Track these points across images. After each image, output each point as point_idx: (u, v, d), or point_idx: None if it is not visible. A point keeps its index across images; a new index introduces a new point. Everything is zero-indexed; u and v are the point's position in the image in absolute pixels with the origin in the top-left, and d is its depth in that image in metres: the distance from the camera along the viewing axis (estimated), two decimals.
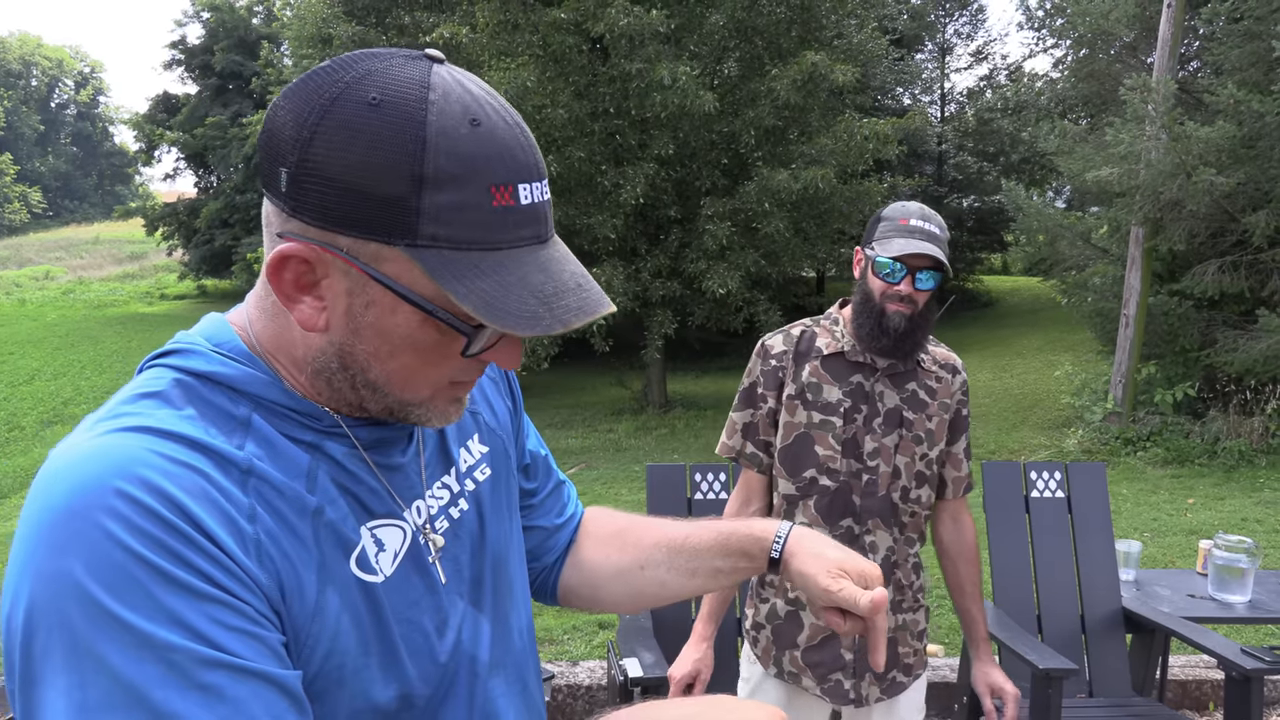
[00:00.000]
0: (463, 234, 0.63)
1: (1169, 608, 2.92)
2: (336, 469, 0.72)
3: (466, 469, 0.86)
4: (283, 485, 0.67)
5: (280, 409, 0.70)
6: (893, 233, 1.78)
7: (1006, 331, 17.22)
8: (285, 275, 0.66)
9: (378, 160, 0.61)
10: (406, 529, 0.76)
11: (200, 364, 0.69)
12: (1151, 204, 8.85)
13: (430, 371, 0.70)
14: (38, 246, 40.61)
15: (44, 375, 18.79)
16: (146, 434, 0.63)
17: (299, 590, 0.65)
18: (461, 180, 0.63)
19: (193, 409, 0.66)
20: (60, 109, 66.34)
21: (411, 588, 0.75)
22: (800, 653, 1.87)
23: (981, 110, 20.49)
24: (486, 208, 0.64)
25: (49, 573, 0.56)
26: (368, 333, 0.68)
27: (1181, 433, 9.16)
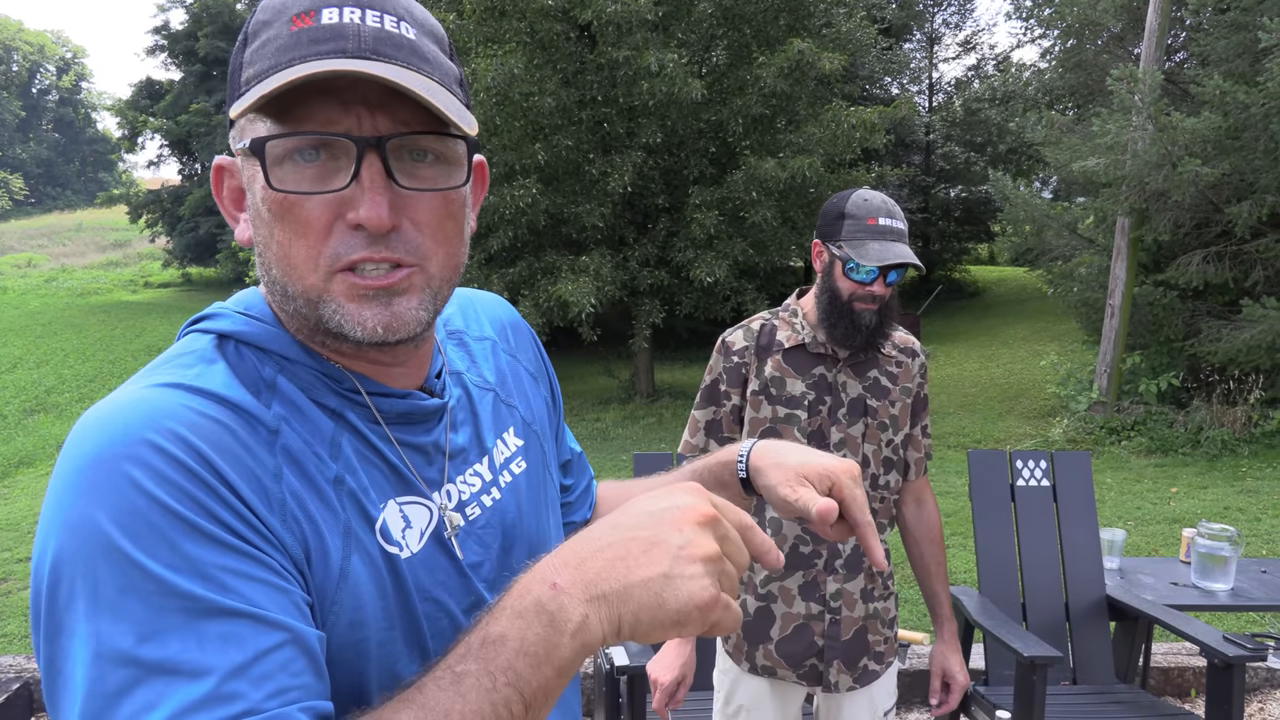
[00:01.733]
0: (264, 64, 0.64)
1: (1152, 595, 2.94)
2: (358, 441, 0.70)
3: (503, 460, 0.84)
4: (307, 449, 0.66)
5: (304, 368, 0.69)
6: (863, 234, 1.76)
7: (993, 321, 17.29)
8: (224, 193, 0.71)
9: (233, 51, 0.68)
10: (433, 509, 0.74)
11: (228, 324, 0.69)
12: (1137, 194, 8.89)
13: (302, 246, 0.64)
14: (19, 234, 40.16)
15: (26, 364, 18.62)
16: (180, 390, 0.62)
17: (324, 553, 0.64)
18: (270, 23, 0.65)
19: (225, 367, 0.66)
20: (42, 95, 65.53)
21: (438, 567, 0.73)
22: (774, 646, 1.88)
23: (969, 100, 20.52)
24: (285, 34, 0.64)
25: (75, 521, 0.56)
26: (255, 220, 0.67)
27: (1165, 422, 9.23)
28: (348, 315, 0.65)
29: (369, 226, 0.63)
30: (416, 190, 0.66)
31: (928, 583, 2.02)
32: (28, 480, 10.99)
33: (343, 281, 0.65)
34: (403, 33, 0.66)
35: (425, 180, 0.67)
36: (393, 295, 0.66)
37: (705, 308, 12.64)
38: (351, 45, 0.63)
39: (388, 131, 0.64)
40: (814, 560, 1.85)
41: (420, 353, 0.77)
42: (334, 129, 0.63)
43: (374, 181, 0.63)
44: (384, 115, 0.64)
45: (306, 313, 0.67)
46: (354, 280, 0.65)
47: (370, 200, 0.63)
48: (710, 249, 11.80)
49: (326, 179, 0.64)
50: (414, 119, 0.65)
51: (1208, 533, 3.05)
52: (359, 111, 0.64)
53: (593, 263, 11.48)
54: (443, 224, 0.69)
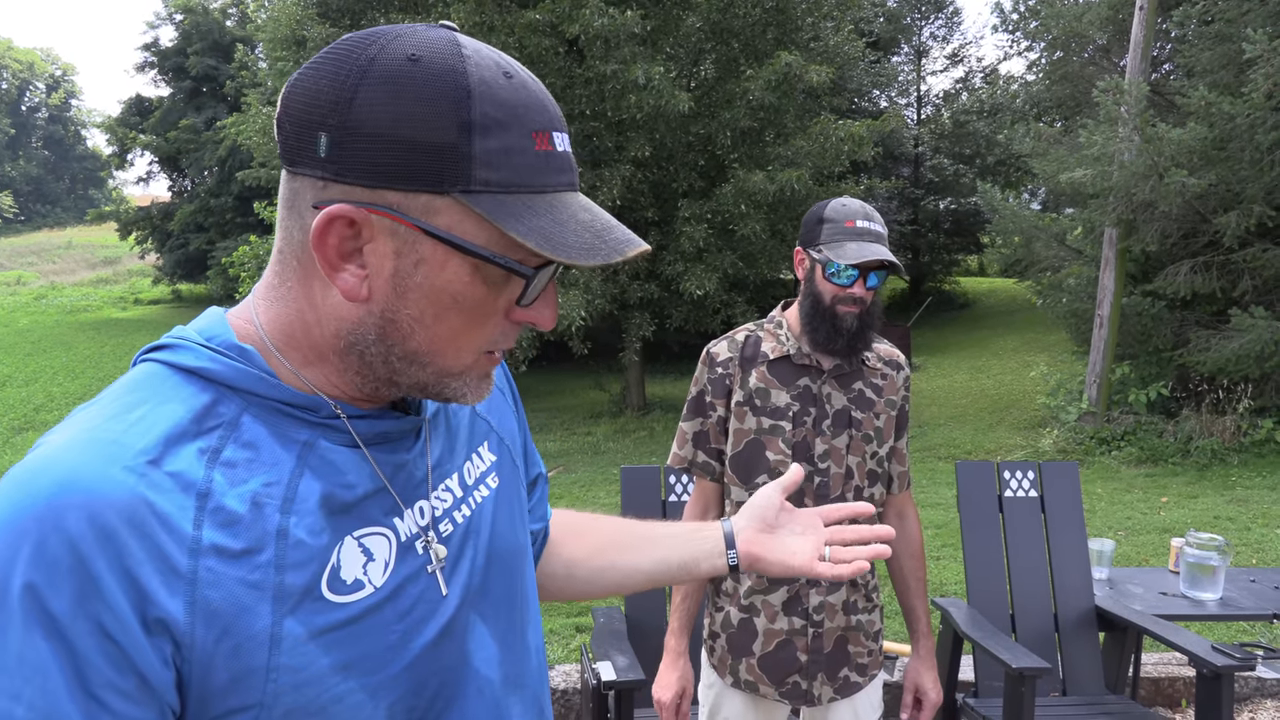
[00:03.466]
0: (513, 177, 0.65)
1: (1141, 606, 2.93)
2: (325, 472, 0.68)
3: (478, 476, 0.84)
4: (244, 506, 0.63)
5: (272, 404, 0.68)
6: (841, 236, 1.76)
7: (983, 333, 17.34)
8: (329, 240, 0.65)
9: (425, 110, 0.62)
10: (391, 536, 0.72)
11: (189, 359, 0.67)
12: (1125, 205, 8.93)
13: (474, 334, 0.69)
14: (9, 251, 40.02)
15: (15, 381, 18.50)
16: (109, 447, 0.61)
17: (245, 626, 0.62)
18: (506, 125, 0.64)
19: (170, 411, 0.64)
20: (31, 112, 65.46)
21: (404, 596, 0.71)
22: (756, 660, 1.86)
23: (957, 113, 20.67)
24: (531, 152, 0.65)
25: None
26: (414, 295, 0.66)
27: (1155, 432, 9.25)
28: (472, 387, 0.73)
29: (543, 329, 0.73)
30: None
31: (906, 598, 2.00)
32: None
33: (484, 364, 0.73)
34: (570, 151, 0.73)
35: None
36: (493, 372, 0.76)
37: (695, 320, 12.65)
38: (575, 179, 0.71)
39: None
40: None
41: None
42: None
43: (553, 289, 0.73)
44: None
45: (425, 379, 0.71)
46: (489, 365, 0.73)
47: (549, 306, 0.72)
48: (700, 262, 11.82)
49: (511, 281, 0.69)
50: None
51: (1196, 542, 3.04)
52: None
53: (582, 276, 11.49)
54: None
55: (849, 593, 1.87)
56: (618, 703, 2.27)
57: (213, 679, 0.61)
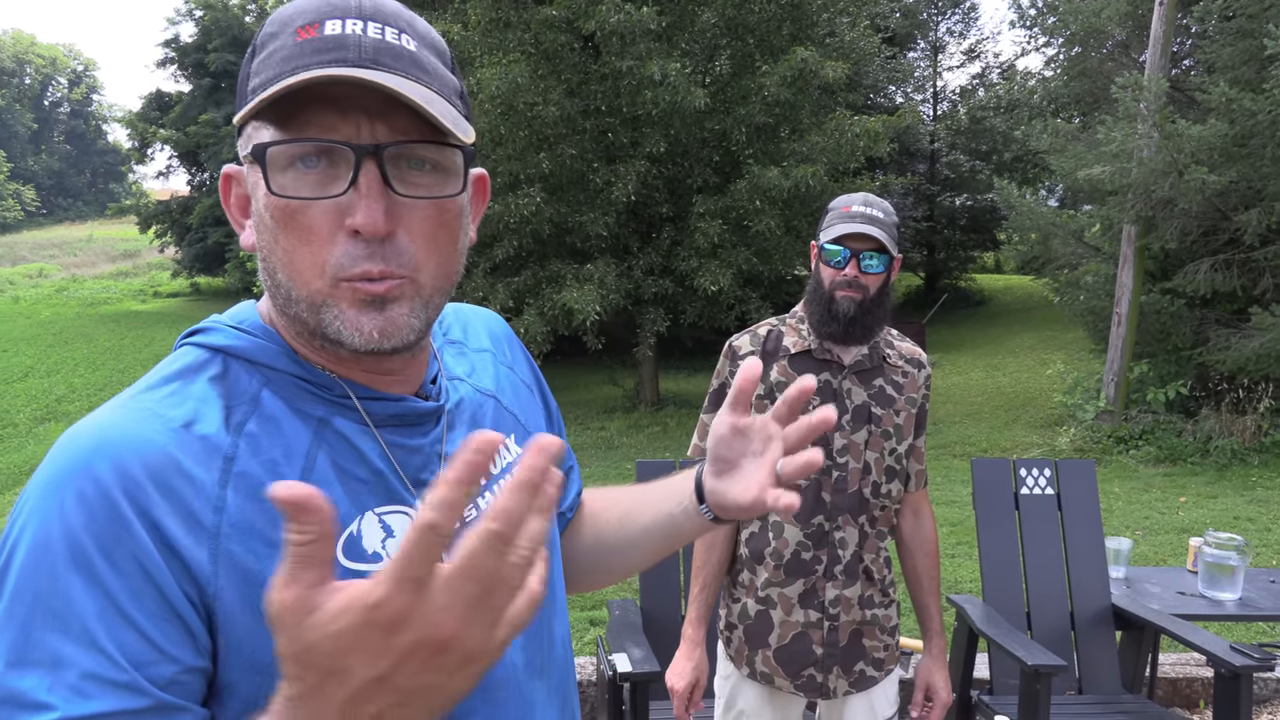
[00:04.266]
0: (269, 73, 0.65)
1: (1159, 605, 2.92)
2: (341, 449, 0.71)
3: (503, 466, 0.84)
4: (265, 471, 0.67)
5: (291, 379, 0.71)
6: (836, 220, 1.80)
7: (999, 330, 17.25)
8: (230, 201, 0.73)
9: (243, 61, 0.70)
10: (415, 516, 0.72)
11: (220, 339, 0.72)
12: (1143, 202, 8.86)
13: (308, 250, 0.65)
14: (31, 244, 40.42)
15: (37, 373, 18.70)
16: (146, 416, 0.65)
17: (265, 583, 0.62)
18: (276, 35, 0.67)
19: (204, 386, 0.69)
20: (54, 107, 66.06)
21: None
22: (771, 653, 1.87)
23: (974, 109, 20.52)
24: (290, 45, 0.65)
25: (11, 526, 0.62)
26: (260, 225, 0.68)
27: (1174, 431, 9.18)
28: (347, 322, 0.67)
29: (364, 232, 0.64)
30: (412, 198, 0.67)
31: (919, 596, 2.01)
32: None
33: (344, 289, 0.66)
34: (403, 44, 0.67)
35: (422, 189, 0.67)
36: (386, 303, 0.67)
37: (709, 316, 12.63)
38: (353, 55, 0.65)
39: (385, 140, 0.65)
40: (814, 567, 1.85)
41: (415, 362, 0.78)
42: (333, 136, 0.64)
43: (370, 188, 0.64)
44: (382, 124, 0.65)
45: (308, 318, 0.68)
46: (354, 286, 0.66)
47: (366, 206, 0.64)
48: (714, 258, 11.80)
49: (326, 186, 0.65)
50: (412, 128, 0.66)
51: (1215, 542, 3.02)
52: (358, 120, 0.65)
53: (597, 271, 11.49)
54: (436, 234, 0.69)
55: (865, 587, 1.87)
56: (633, 694, 2.28)
57: (236, 629, 0.63)
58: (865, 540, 1.86)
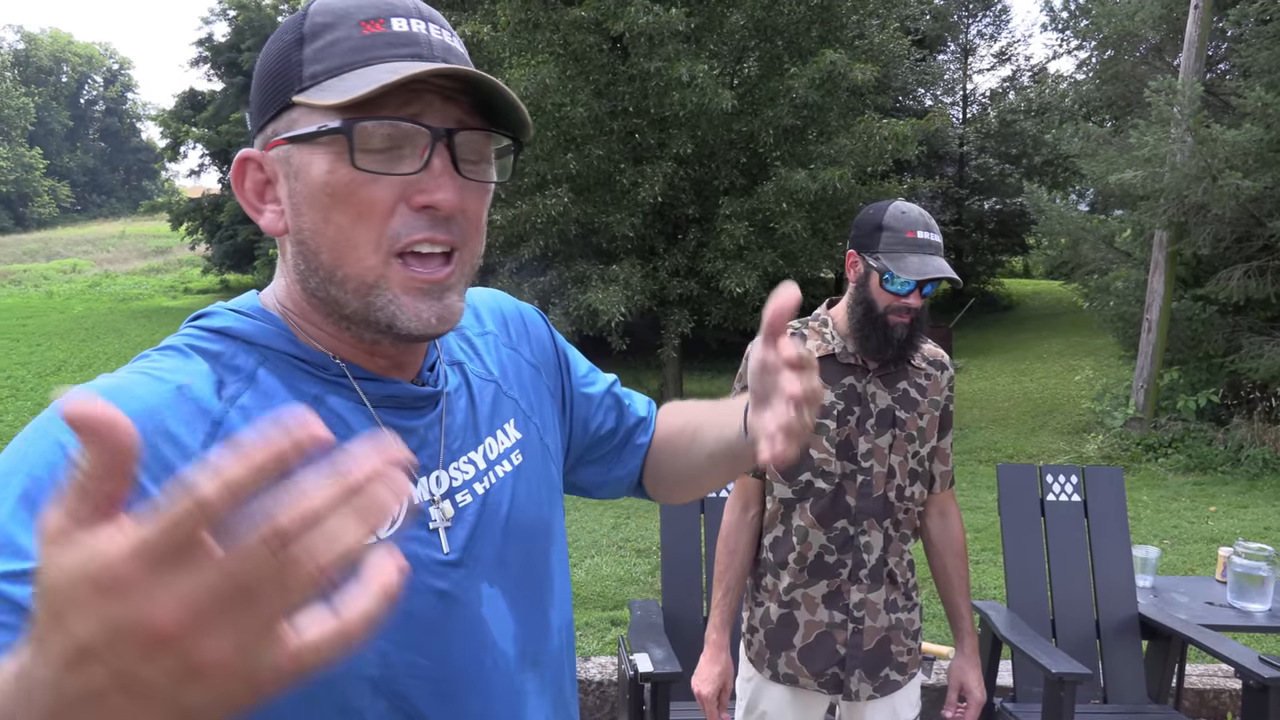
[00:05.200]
0: (336, 63, 0.68)
1: (1186, 615, 2.89)
2: (334, 425, 0.72)
3: (501, 451, 0.85)
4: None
5: (287, 359, 0.72)
6: (901, 247, 1.75)
7: (1027, 335, 17.08)
8: (245, 185, 0.73)
9: (274, 45, 0.71)
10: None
11: (220, 321, 0.74)
12: (1176, 207, 8.74)
13: (365, 227, 0.68)
14: (66, 240, 41.10)
15: (70, 366, 19.03)
16: (144, 377, 0.67)
17: None
18: (333, 26, 0.69)
19: (199, 361, 0.70)
20: (89, 105, 67.17)
21: (409, 554, 0.73)
22: (796, 653, 1.87)
23: (1004, 112, 20.34)
24: (356, 37, 0.68)
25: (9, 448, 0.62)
26: (304, 206, 0.69)
27: (1204, 439, 9.05)
28: (404, 307, 0.69)
29: (442, 208, 0.68)
30: (475, 181, 0.71)
31: (950, 596, 2.00)
32: None
33: (400, 271, 0.68)
34: (456, 45, 0.72)
35: (477, 174, 0.72)
36: (444, 290, 0.70)
37: (735, 318, 12.61)
38: (426, 51, 0.69)
39: (456, 124, 0.69)
40: (838, 570, 1.85)
41: (418, 348, 0.80)
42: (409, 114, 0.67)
43: (445, 168, 0.68)
44: (453, 108, 0.69)
45: (351, 298, 0.69)
46: (411, 273, 0.69)
47: (444, 184, 0.68)
48: (740, 259, 11.78)
49: (395, 164, 0.67)
50: (472, 117, 0.71)
51: (1245, 552, 2.99)
52: (430, 101, 0.68)
53: (623, 272, 11.51)
54: (481, 217, 0.74)
55: (889, 590, 1.88)
56: (654, 695, 2.30)
57: None
58: (890, 544, 1.86)
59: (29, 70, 63.31)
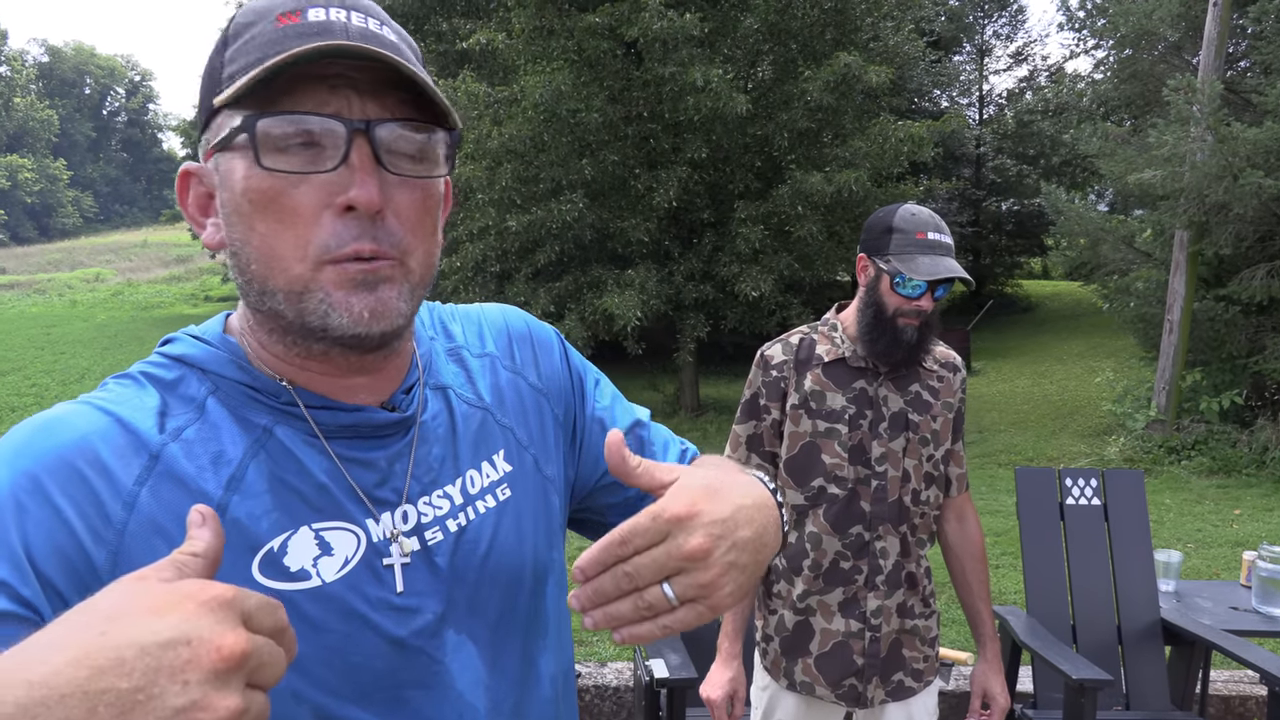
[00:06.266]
0: (247, 61, 0.63)
1: (1210, 620, 2.85)
2: (282, 459, 0.68)
3: (485, 486, 0.78)
4: (188, 477, 0.65)
5: (239, 387, 0.69)
6: (912, 248, 1.74)
7: (1046, 337, 16.94)
8: (189, 200, 0.71)
9: (210, 55, 0.68)
10: (361, 536, 0.69)
11: (178, 348, 0.72)
12: (1196, 207, 8.65)
13: (291, 234, 0.63)
14: (89, 250, 41.60)
15: (93, 374, 19.24)
16: (90, 409, 0.66)
17: None
18: (253, 23, 0.65)
19: (149, 391, 0.68)
20: (112, 116, 68.02)
21: (359, 599, 0.68)
22: (812, 661, 1.86)
23: (1021, 112, 20.22)
24: (270, 31, 0.64)
25: None
26: (232, 216, 0.66)
27: (1228, 442, 8.93)
28: (335, 304, 0.64)
29: (360, 206, 0.63)
30: (403, 176, 0.66)
31: (970, 600, 1.98)
32: None
33: (329, 271, 0.64)
34: (385, 33, 0.67)
35: (409, 169, 0.67)
36: (376, 282, 0.65)
37: (750, 322, 12.60)
38: (340, 37, 0.63)
39: (376, 117, 0.64)
40: (854, 576, 1.83)
41: (389, 366, 0.74)
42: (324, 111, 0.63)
43: (364, 163, 0.63)
44: (373, 102, 0.65)
45: (286, 309, 0.65)
46: (342, 267, 0.64)
47: (361, 180, 0.63)
48: (755, 263, 11.77)
49: (313, 164, 0.63)
50: (399, 111, 0.66)
51: (1270, 556, 2.94)
52: (348, 96, 0.64)
53: (638, 277, 11.52)
54: (422, 219, 0.68)
55: (906, 596, 1.86)
56: (670, 700, 2.29)
57: None
58: (907, 549, 1.84)
59: (53, 83, 64.21)
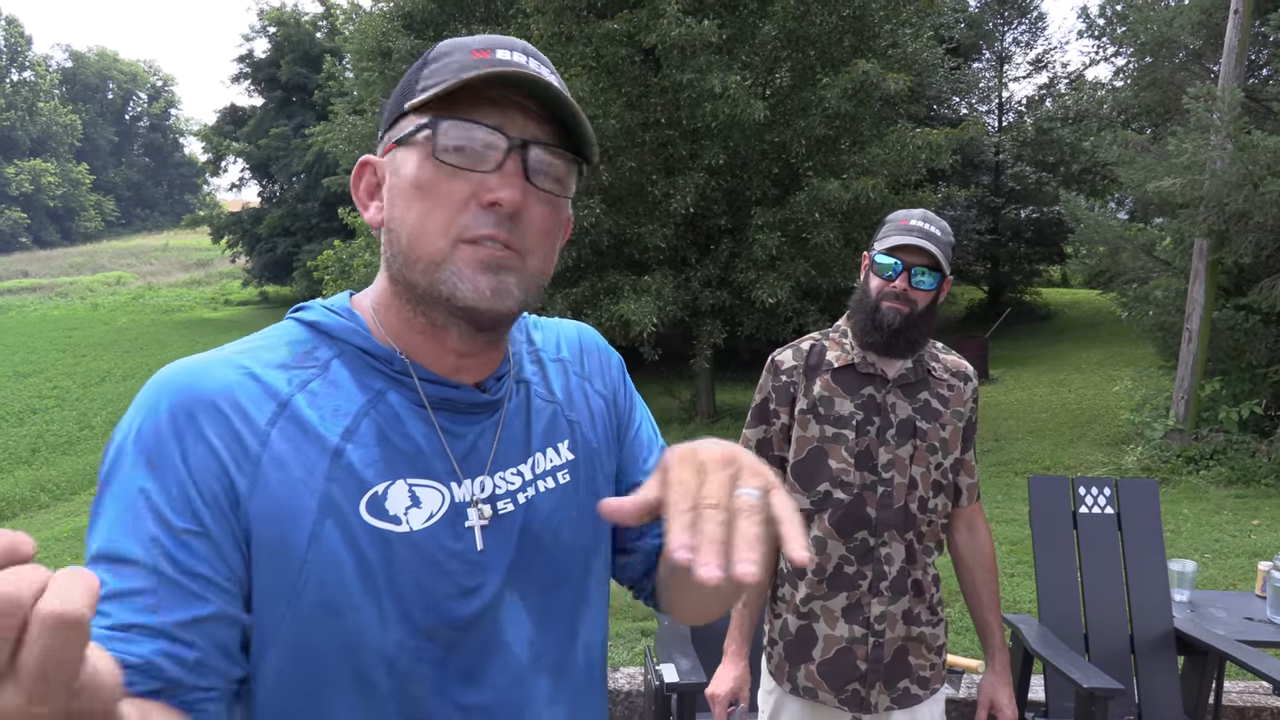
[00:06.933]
0: (442, 76, 0.77)
1: (1224, 630, 2.84)
2: (389, 420, 0.80)
3: (548, 468, 0.89)
4: (314, 421, 0.77)
5: (360, 353, 0.81)
6: (892, 232, 1.80)
7: (1064, 345, 16.83)
8: (360, 186, 0.85)
9: (408, 72, 0.82)
10: (446, 495, 0.80)
11: (311, 315, 0.84)
12: (1216, 215, 8.59)
13: (439, 216, 0.77)
14: (111, 253, 42.08)
15: (114, 377, 19.46)
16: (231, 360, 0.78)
17: (293, 513, 0.74)
18: (450, 52, 0.80)
19: (284, 348, 0.81)
20: (134, 121, 68.76)
21: (438, 549, 0.79)
22: (815, 666, 1.87)
23: (1040, 119, 20.09)
24: (467, 59, 0.78)
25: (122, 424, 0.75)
26: (395, 198, 0.79)
27: (1247, 451, 8.85)
28: (464, 278, 0.76)
29: (504, 204, 0.76)
30: (541, 190, 0.79)
31: (979, 611, 1.98)
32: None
33: (465, 250, 0.76)
34: (553, 79, 0.79)
35: (548, 186, 0.80)
36: (500, 269, 0.77)
37: (767, 329, 12.59)
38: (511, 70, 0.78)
39: (533, 138, 0.78)
40: (858, 581, 1.85)
41: (491, 352, 0.86)
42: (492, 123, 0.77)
43: (514, 172, 0.77)
44: (532, 126, 0.78)
45: (422, 278, 0.78)
46: (475, 249, 0.76)
47: (510, 184, 0.76)
48: (772, 270, 11.77)
49: (474, 164, 0.77)
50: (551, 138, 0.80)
51: None
52: (514, 117, 0.78)
53: (655, 283, 11.55)
54: (548, 230, 0.81)
55: (912, 603, 1.86)
56: (680, 705, 2.31)
57: (262, 554, 0.73)
58: (913, 556, 1.85)
59: (76, 88, 65.04)
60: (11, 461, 14.56)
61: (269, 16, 28.75)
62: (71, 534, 7.70)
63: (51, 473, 13.17)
